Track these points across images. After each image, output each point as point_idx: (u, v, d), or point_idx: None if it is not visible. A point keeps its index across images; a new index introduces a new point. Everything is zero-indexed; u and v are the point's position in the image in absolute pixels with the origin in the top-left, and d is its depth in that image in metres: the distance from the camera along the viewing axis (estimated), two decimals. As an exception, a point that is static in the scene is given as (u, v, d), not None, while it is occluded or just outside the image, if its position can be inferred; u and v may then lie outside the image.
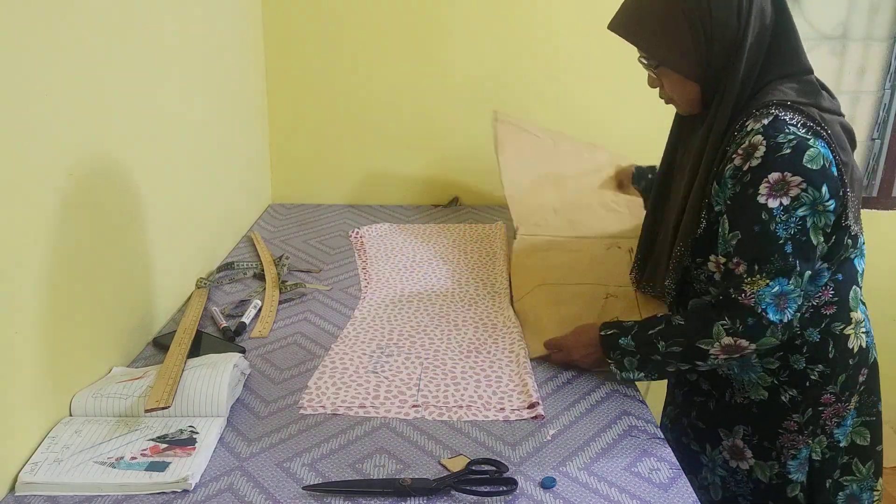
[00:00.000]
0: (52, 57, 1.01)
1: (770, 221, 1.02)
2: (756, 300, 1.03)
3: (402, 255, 1.75)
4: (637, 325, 1.16)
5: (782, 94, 1.07)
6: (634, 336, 1.14)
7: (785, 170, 1.01)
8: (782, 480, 1.19)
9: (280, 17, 2.13)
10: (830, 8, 2.34)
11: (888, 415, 2.58)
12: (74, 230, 1.08)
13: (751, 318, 1.04)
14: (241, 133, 2.00)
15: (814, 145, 1.02)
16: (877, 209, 2.47)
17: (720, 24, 1.07)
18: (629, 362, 1.15)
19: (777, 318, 1.03)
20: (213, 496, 0.93)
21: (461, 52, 2.17)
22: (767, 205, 1.02)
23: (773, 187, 1.02)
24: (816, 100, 1.09)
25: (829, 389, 1.16)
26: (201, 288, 1.54)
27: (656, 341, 1.12)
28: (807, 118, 1.05)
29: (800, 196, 1.01)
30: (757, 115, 1.06)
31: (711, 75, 1.11)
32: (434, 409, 1.12)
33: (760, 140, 1.03)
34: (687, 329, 1.10)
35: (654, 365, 1.13)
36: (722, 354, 1.08)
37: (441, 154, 2.27)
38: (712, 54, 1.09)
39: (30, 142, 0.96)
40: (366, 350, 1.29)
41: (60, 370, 1.06)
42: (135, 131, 1.28)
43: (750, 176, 1.04)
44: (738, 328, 1.04)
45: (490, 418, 1.10)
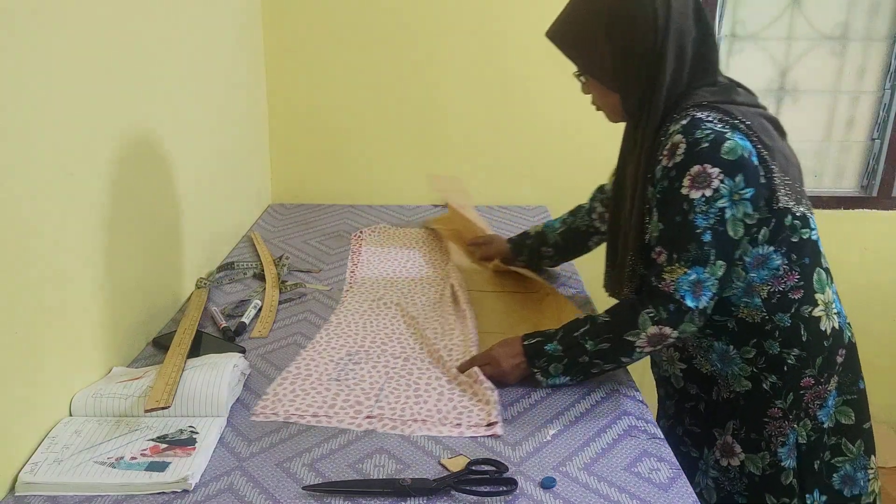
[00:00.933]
0: (51, 57, 1.01)
1: (690, 212, 1.07)
2: (675, 287, 1.08)
3: (391, 260, 1.74)
4: (561, 329, 1.17)
5: (698, 97, 1.13)
6: (560, 340, 1.15)
7: (704, 162, 1.06)
8: (775, 469, 1.21)
9: (280, 17, 2.13)
10: (830, 8, 2.34)
11: (888, 415, 2.60)
12: (74, 230, 1.08)
13: (672, 304, 1.08)
14: (241, 133, 2.00)
15: (731, 138, 1.07)
16: (877, 209, 2.47)
17: (638, 39, 1.12)
18: (555, 368, 1.15)
19: (693, 304, 1.08)
20: (213, 496, 0.93)
21: (461, 52, 2.17)
22: (689, 196, 1.07)
23: (694, 179, 1.07)
24: (730, 96, 1.15)
25: (808, 373, 1.18)
26: (201, 288, 1.54)
27: (583, 341, 1.13)
28: (723, 114, 1.10)
29: (719, 188, 1.06)
30: (676, 118, 1.12)
31: (631, 87, 1.16)
32: (389, 421, 1.09)
33: (681, 139, 1.09)
34: (613, 324, 1.12)
35: (581, 368, 1.15)
36: (648, 346, 1.11)
37: (441, 154, 2.27)
38: (630, 67, 1.14)
39: (29, 143, 0.96)
40: (333, 357, 1.27)
41: (60, 370, 1.06)
42: (134, 131, 1.28)
43: (675, 171, 1.09)
44: (662, 316, 1.08)
45: (444, 434, 1.06)
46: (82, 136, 1.10)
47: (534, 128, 2.26)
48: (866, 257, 2.50)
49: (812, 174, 2.53)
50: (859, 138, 2.48)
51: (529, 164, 2.29)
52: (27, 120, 0.95)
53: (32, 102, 0.97)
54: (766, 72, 2.41)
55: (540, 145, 2.27)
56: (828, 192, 2.52)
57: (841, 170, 2.53)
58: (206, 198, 1.66)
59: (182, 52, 1.52)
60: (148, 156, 1.34)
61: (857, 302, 2.52)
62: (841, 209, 2.47)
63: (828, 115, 2.46)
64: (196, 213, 1.58)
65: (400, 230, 1.95)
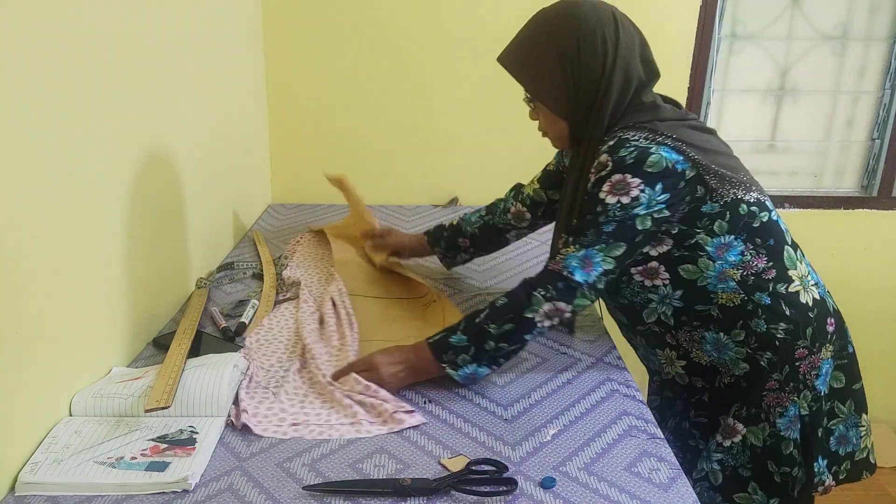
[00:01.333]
0: (51, 58, 1.01)
1: (602, 214, 1.13)
2: (563, 264, 1.14)
3: (308, 266, 1.66)
4: (462, 321, 1.18)
5: (626, 119, 1.19)
6: (464, 330, 1.16)
7: (626, 172, 1.12)
8: (775, 440, 1.23)
9: (280, 17, 2.13)
10: (830, 8, 2.34)
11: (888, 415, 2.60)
12: (74, 230, 1.08)
13: (560, 281, 1.13)
14: (241, 133, 2.00)
15: (655, 152, 1.12)
16: (877, 209, 2.47)
17: (587, 69, 1.17)
18: (463, 359, 1.15)
19: (582, 278, 1.13)
20: (213, 496, 0.93)
21: (460, 53, 2.17)
22: (605, 200, 1.13)
23: (614, 186, 1.12)
24: (656, 114, 1.19)
25: (801, 344, 1.22)
26: (201, 288, 1.54)
27: (487, 326, 1.15)
28: (648, 132, 1.15)
29: (639, 196, 1.12)
30: (605, 140, 1.18)
31: (578, 115, 1.21)
32: (315, 427, 1.07)
33: (606, 157, 1.14)
34: (511, 304, 1.15)
35: (488, 355, 1.15)
36: (546, 321, 1.14)
37: (441, 154, 2.27)
38: (579, 95, 1.19)
39: (29, 144, 0.96)
40: (263, 364, 1.24)
41: (60, 370, 1.06)
42: (134, 131, 1.28)
43: (596, 182, 1.15)
44: (552, 293, 1.13)
45: (374, 432, 1.06)
46: (82, 135, 1.10)
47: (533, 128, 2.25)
48: (866, 257, 2.50)
49: (812, 174, 2.53)
50: (859, 138, 2.48)
51: (528, 165, 2.28)
52: (27, 120, 0.95)
53: (33, 103, 0.96)
54: (766, 72, 2.41)
55: (539, 146, 2.26)
56: (828, 192, 2.52)
57: (841, 170, 2.53)
58: (206, 198, 1.66)
59: (182, 53, 1.52)
60: (148, 156, 1.34)
61: (858, 302, 2.52)
62: (841, 209, 2.47)
63: (828, 115, 2.46)
64: (196, 213, 1.58)
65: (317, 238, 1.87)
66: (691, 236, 1.18)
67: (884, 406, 2.63)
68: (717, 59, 2.35)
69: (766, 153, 2.52)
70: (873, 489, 2.43)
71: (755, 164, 2.50)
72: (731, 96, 2.44)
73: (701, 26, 2.25)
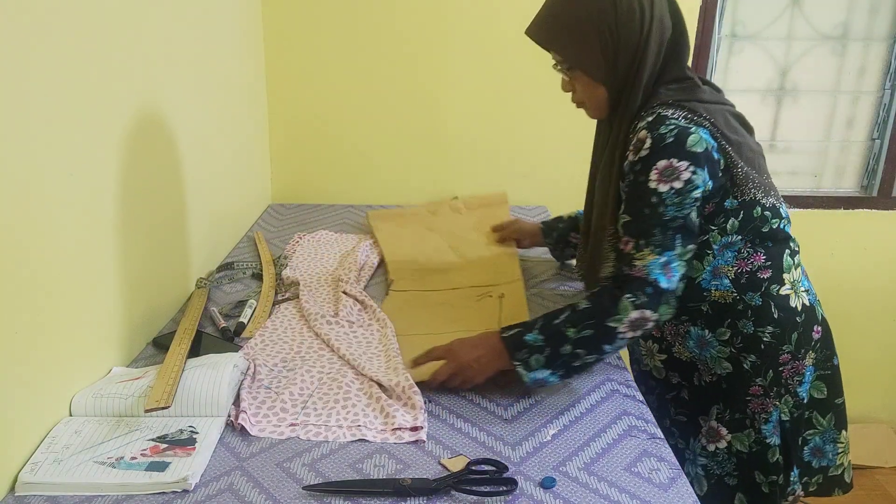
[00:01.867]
0: (51, 58, 1.01)
1: (660, 204, 1.10)
2: (647, 271, 1.10)
3: (320, 265, 1.67)
4: (541, 319, 1.14)
5: (664, 95, 1.17)
6: (542, 329, 1.12)
7: (671, 157, 1.09)
8: (761, 447, 1.23)
9: (280, 17, 2.13)
10: (830, 8, 2.34)
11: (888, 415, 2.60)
12: (74, 230, 1.08)
13: (649, 287, 1.10)
14: (241, 133, 2.00)
15: (695, 132, 1.10)
16: (877, 209, 2.47)
17: (625, 31, 1.14)
18: (536, 360, 1.11)
19: (667, 285, 1.10)
20: (213, 496, 0.93)
21: (461, 52, 2.17)
22: (658, 189, 1.10)
23: (661, 173, 1.10)
24: (695, 94, 1.17)
25: (785, 349, 1.21)
26: (201, 288, 1.54)
27: (565, 329, 1.10)
28: (688, 111, 1.13)
29: (692, 179, 1.09)
30: (643, 115, 1.16)
31: (617, 79, 1.18)
32: (313, 427, 1.07)
33: (646, 134, 1.12)
34: (594, 310, 1.11)
35: (563, 360, 1.11)
36: (629, 332, 1.10)
37: (441, 154, 2.27)
38: (618, 59, 1.16)
39: (29, 144, 0.96)
40: (267, 362, 1.24)
41: (60, 370, 1.06)
42: (134, 131, 1.28)
43: (640, 165, 1.12)
44: (642, 300, 1.09)
45: (368, 438, 1.04)
46: (82, 135, 1.10)
47: (534, 128, 2.26)
48: (866, 257, 2.50)
49: (812, 174, 2.53)
50: (859, 138, 2.48)
51: (529, 164, 2.29)
52: (27, 120, 0.95)
53: (33, 103, 0.96)
54: (766, 72, 2.41)
55: (540, 145, 2.27)
56: (828, 192, 2.52)
57: (841, 170, 2.53)
58: (206, 198, 1.66)
59: (182, 53, 1.52)
60: (147, 156, 1.34)
61: (858, 302, 2.53)
62: (841, 209, 2.47)
63: (828, 115, 2.46)
64: (196, 213, 1.58)
65: (335, 236, 1.89)
66: (706, 232, 1.17)
67: (884, 406, 2.63)
68: (717, 59, 2.35)
69: (766, 153, 2.50)
70: (873, 489, 2.43)
71: (755, 164, 2.51)
72: (731, 96, 2.39)
73: (701, 26, 2.25)
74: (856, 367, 2.53)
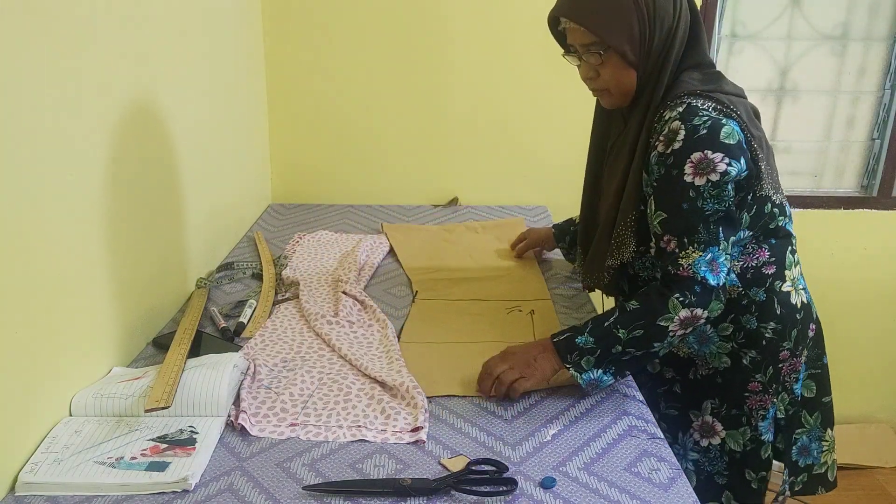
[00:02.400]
0: (51, 58, 1.01)
1: (698, 198, 1.08)
2: (694, 270, 1.09)
3: (319, 265, 1.67)
4: (590, 322, 1.14)
5: (690, 84, 1.14)
6: (591, 332, 1.12)
7: (705, 149, 1.08)
8: (756, 444, 1.23)
9: (280, 17, 2.13)
10: (830, 8, 2.34)
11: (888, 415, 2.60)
12: (74, 231, 1.08)
13: (697, 286, 1.09)
14: (241, 133, 2.00)
15: (727, 124, 1.09)
16: (877, 209, 2.47)
17: (661, 12, 1.13)
18: (587, 361, 1.11)
19: (715, 282, 1.09)
20: (213, 496, 0.93)
21: (462, 52, 2.17)
22: (694, 183, 1.08)
23: (696, 166, 1.08)
24: (720, 85, 1.16)
25: (785, 346, 1.22)
26: (201, 288, 1.54)
27: (615, 330, 1.10)
28: (716, 102, 1.12)
29: (727, 171, 1.08)
30: (671, 105, 1.13)
31: (649, 63, 1.16)
32: (313, 428, 1.07)
33: (679, 125, 1.09)
34: (644, 310, 1.11)
35: (613, 359, 1.11)
36: (679, 330, 1.10)
37: (441, 154, 2.27)
38: (653, 41, 1.14)
39: (29, 144, 0.96)
40: (268, 362, 1.23)
41: (60, 370, 1.06)
42: (134, 132, 1.28)
43: (673, 158, 1.10)
44: (691, 299, 1.09)
45: (369, 438, 1.04)
46: (82, 136, 1.10)
47: (534, 128, 2.26)
48: (866, 257, 2.50)
49: (812, 174, 2.53)
50: (859, 138, 2.48)
51: (529, 164, 2.29)
52: (27, 120, 0.95)
53: (33, 104, 0.96)
54: (766, 72, 2.41)
55: (541, 145, 2.27)
56: (828, 192, 2.52)
57: (841, 170, 2.53)
58: (206, 198, 1.66)
59: (182, 53, 1.52)
60: (148, 156, 1.34)
61: (858, 301, 2.53)
62: (841, 209, 2.47)
63: (828, 115, 2.46)
64: (196, 214, 1.58)
65: (335, 236, 1.89)
66: None
67: (884, 406, 2.63)
68: (717, 59, 2.35)
69: (766, 153, 2.52)
70: (873, 489, 2.43)
71: (755, 164, 2.51)
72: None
73: (701, 26, 2.25)
74: (856, 367, 2.54)
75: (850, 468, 2.45)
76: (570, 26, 1.16)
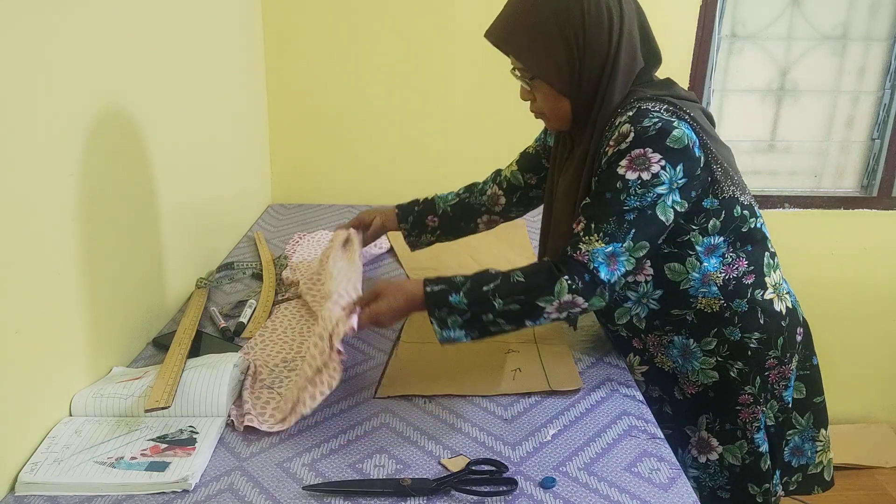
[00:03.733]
0: (51, 58, 1.01)
1: (623, 191, 1.06)
2: (590, 258, 1.06)
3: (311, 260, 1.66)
4: (469, 280, 1.09)
5: (641, 92, 1.13)
6: (467, 293, 1.07)
7: (647, 146, 1.05)
8: (754, 457, 1.22)
9: (280, 17, 2.13)
10: (830, 8, 2.34)
11: (888, 415, 2.60)
12: (74, 230, 1.08)
13: (587, 275, 1.06)
14: (241, 133, 2.00)
15: (678, 126, 1.06)
16: (877, 209, 2.48)
17: (592, 44, 1.09)
18: (454, 321, 1.07)
19: (607, 277, 1.06)
20: (213, 496, 0.93)
21: (461, 52, 2.17)
22: (625, 176, 1.06)
23: (633, 160, 1.06)
24: (671, 90, 1.15)
25: (771, 354, 1.20)
26: (201, 288, 1.54)
27: (492, 298, 1.06)
28: (668, 104, 1.11)
29: (659, 174, 1.05)
30: (621, 111, 1.11)
31: (583, 92, 1.13)
32: (297, 405, 1.07)
33: (629, 128, 1.07)
34: (528, 285, 1.07)
35: (481, 326, 1.08)
36: (555, 313, 1.07)
37: (441, 154, 2.27)
38: (584, 72, 1.11)
39: (29, 144, 0.96)
40: (268, 363, 1.24)
41: (61, 370, 1.06)
42: (134, 131, 1.28)
43: (616, 155, 1.08)
44: (578, 285, 1.05)
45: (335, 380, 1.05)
46: (82, 136, 1.10)
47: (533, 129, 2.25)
48: (866, 257, 2.50)
49: (812, 174, 2.53)
50: (859, 138, 2.48)
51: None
52: (27, 120, 0.95)
53: (32, 104, 0.97)
54: (766, 72, 2.41)
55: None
56: (828, 192, 2.52)
57: (841, 170, 2.53)
58: (206, 198, 1.66)
59: (182, 53, 1.52)
60: (148, 156, 1.34)
61: (857, 301, 2.53)
62: (841, 209, 2.47)
63: (828, 115, 2.46)
64: (196, 214, 1.58)
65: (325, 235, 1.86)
66: (686, 232, 1.13)
67: (884, 406, 2.63)
68: (717, 59, 2.35)
69: (765, 153, 2.51)
70: (873, 489, 2.43)
71: (755, 164, 2.51)
72: (731, 96, 2.44)
73: (701, 26, 2.25)
74: (855, 367, 2.54)
75: (850, 468, 2.45)
76: None
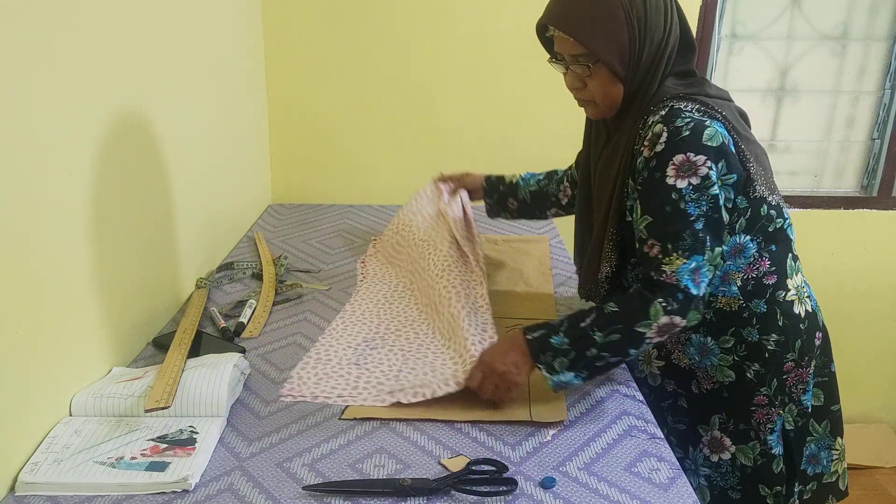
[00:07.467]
0: (50, 58, 1.01)
1: (680, 201, 1.06)
2: (677, 277, 1.06)
3: (402, 254, 1.70)
4: (566, 320, 1.10)
5: (672, 89, 1.14)
6: (567, 332, 1.08)
7: (688, 151, 1.06)
8: (766, 458, 1.22)
9: (280, 17, 2.13)
10: (830, 8, 2.34)
11: (888, 415, 2.60)
12: (74, 230, 1.08)
13: (680, 294, 1.06)
14: (241, 133, 2.00)
15: (710, 125, 1.07)
16: (877, 209, 2.48)
17: (652, 27, 1.11)
18: (560, 363, 1.08)
19: (696, 292, 1.07)
20: (213, 496, 0.93)
21: (460, 52, 2.17)
22: (676, 185, 1.06)
23: (679, 168, 1.06)
24: (703, 89, 1.15)
25: (789, 357, 1.20)
26: (201, 288, 1.54)
27: (592, 332, 1.07)
28: (700, 104, 1.11)
29: (709, 175, 1.06)
30: (654, 110, 1.12)
31: (636, 77, 1.14)
32: (410, 389, 1.14)
33: (662, 128, 1.08)
34: (623, 314, 1.07)
35: (587, 363, 1.08)
36: (656, 336, 1.07)
37: (440, 154, 2.27)
38: (642, 55, 1.12)
39: (29, 144, 0.96)
40: (351, 343, 1.33)
41: (60, 370, 1.06)
42: (135, 131, 1.28)
43: (656, 161, 1.08)
44: (674, 306, 1.06)
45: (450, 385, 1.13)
46: (83, 136, 1.10)
47: (532, 129, 2.26)
48: (866, 257, 2.50)
49: (812, 174, 2.53)
50: (859, 138, 2.48)
51: (529, 165, 2.28)
52: (28, 120, 0.95)
53: (33, 104, 0.97)
54: (766, 72, 2.41)
55: (539, 146, 2.26)
56: (828, 192, 2.53)
57: (841, 170, 2.53)
58: (206, 198, 1.66)
59: (182, 53, 1.53)
60: (148, 156, 1.34)
61: (858, 302, 2.53)
62: (841, 209, 2.47)
63: (828, 115, 2.46)
64: (196, 214, 1.59)
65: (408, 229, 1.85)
66: None
67: (884, 406, 2.63)
68: (717, 59, 2.35)
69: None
70: (873, 489, 2.43)
71: (755, 164, 2.51)
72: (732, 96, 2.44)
73: (701, 26, 2.26)
74: (856, 368, 2.54)
75: (850, 468, 2.44)
76: (559, 35, 1.14)
